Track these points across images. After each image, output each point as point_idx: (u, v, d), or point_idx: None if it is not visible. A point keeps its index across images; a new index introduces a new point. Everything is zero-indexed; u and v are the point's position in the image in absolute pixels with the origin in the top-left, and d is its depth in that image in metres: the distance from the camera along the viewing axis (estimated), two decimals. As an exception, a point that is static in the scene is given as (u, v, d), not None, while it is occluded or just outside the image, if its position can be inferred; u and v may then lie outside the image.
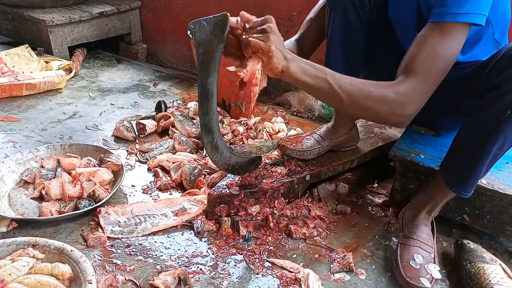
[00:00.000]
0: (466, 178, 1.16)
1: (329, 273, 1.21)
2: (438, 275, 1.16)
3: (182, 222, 1.33)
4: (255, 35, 1.02)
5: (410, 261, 1.18)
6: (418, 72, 1.04)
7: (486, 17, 1.03)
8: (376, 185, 1.63)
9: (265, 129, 1.92)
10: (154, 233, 1.31)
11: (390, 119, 1.11)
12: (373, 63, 1.41)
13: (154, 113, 2.04)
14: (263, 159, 1.47)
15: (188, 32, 1.09)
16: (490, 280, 1.10)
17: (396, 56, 1.18)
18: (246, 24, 1.05)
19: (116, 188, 1.43)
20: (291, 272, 1.20)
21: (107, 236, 1.27)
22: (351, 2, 1.27)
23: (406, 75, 1.06)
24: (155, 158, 1.67)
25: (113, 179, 1.51)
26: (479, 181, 1.24)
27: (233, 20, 1.06)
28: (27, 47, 2.43)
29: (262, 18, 1.05)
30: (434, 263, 1.19)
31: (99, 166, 1.54)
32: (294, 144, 1.52)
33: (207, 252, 1.26)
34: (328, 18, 1.32)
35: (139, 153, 1.73)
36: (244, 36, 1.03)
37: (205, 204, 1.38)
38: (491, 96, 1.06)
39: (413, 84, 1.05)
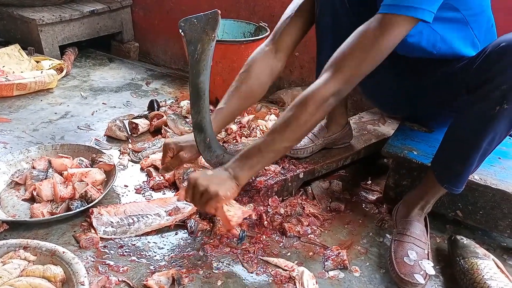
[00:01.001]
0: (456, 174, 1.16)
1: (323, 270, 1.21)
2: (432, 271, 1.16)
3: (176, 221, 1.33)
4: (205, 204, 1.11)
5: (404, 258, 1.18)
6: (346, 67, 1.05)
7: (459, 12, 1.02)
8: (369, 182, 1.63)
9: (258, 127, 1.91)
10: (148, 233, 1.30)
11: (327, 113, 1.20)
12: None
13: (146, 112, 2.02)
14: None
15: (179, 29, 1.08)
16: (483, 276, 1.10)
17: None
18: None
19: (109, 189, 1.42)
20: (286, 270, 1.19)
21: (100, 237, 1.26)
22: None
23: (333, 72, 1.06)
24: (148, 157, 1.66)
25: (105, 179, 1.49)
26: (471, 176, 1.25)
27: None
28: (17, 47, 2.41)
29: (187, 183, 1.14)
30: (428, 259, 1.19)
31: (91, 166, 1.52)
32: (287, 142, 1.51)
33: (201, 251, 1.25)
34: (317, 16, 1.31)
35: (132, 153, 1.72)
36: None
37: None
38: (480, 92, 1.07)
39: (340, 80, 1.05)
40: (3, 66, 2.28)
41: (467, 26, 1.19)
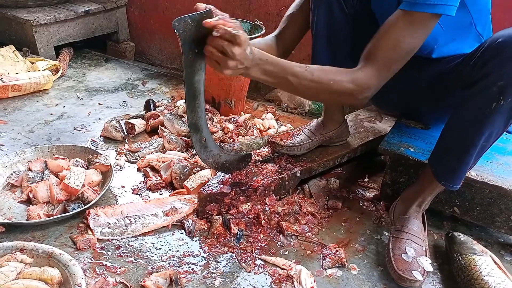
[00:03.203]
0: (454, 170, 1.17)
1: (321, 269, 1.21)
2: (430, 268, 1.16)
3: (173, 222, 1.32)
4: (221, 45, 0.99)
5: (402, 254, 1.18)
6: (378, 60, 1.08)
7: (467, 9, 1.03)
8: (367, 179, 1.63)
9: (255, 126, 1.91)
10: (145, 234, 1.30)
11: (348, 103, 1.27)
12: (359, 57, 1.41)
13: (143, 112, 2.02)
14: (253, 156, 1.46)
15: (174, 29, 1.07)
16: (480, 272, 1.11)
17: None
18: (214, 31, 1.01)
19: (105, 190, 1.42)
20: (283, 269, 1.19)
21: (97, 238, 1.25)
22: None
23: (366, 62, 1.10)
24: (145, 157, 1.66)
25: (102, 180, 1.49)
26: (468, 173, 1.25)
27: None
28: (12, 48, 2.39)
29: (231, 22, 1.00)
30: (426, 256, 1.19)
31: (88, 168, 1.52)
32: (284, 140, 1.51)
33: (199, 251, 1.25)
34: (312, 14, 1.32)
35: (129, 153, 1.72)
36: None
37: (195, 203, 1.36)
38: (477, 89, 1.07)
39: (372, 72, 1.09)
40: (-2, 68, 2.27)
41: (471, 24, 1.19)
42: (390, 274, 1.17)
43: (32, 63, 2.37)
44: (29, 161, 1.55)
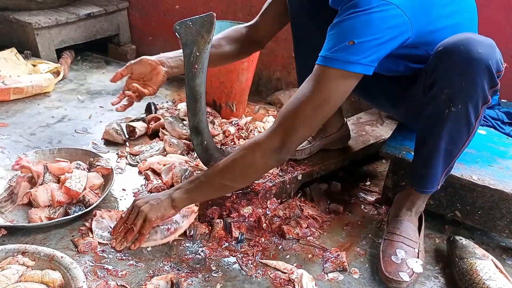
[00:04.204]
0: (421, 176, 1.19)
1: (322, 273, 1.21)
2: (419, 269, 1.16)
3: (174, 238, 1.29)
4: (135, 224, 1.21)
5: (392, 256, 1.18)
6: (285, 121, 1.05)
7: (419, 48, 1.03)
8: (368, 183, 1.63)
9: (256, 129, 1.91)
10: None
11: (270, 166, 1.21)
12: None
13: (144, 115, 2.02)
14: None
15: (175, 32, 1.08)
16: (482, 276, 1.10)
17: None
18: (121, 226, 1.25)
19: (107, 193, 1.42)
20: (285, 273, 1.19)
21: (98, 242, 1.25)
22: None
23: (276, 124, 1.07)
24: (146, 160, 1.66)
25: (103, 183, 1.49)
26: (469, 176, 1.26)
27: None
28: (14, 51, 2.40)
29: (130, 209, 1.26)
30: (418, 257, 1.19)
31: (89, 170, 1.52)
32: (285, 144, 1.51)
33: (200, 254, 1.25)
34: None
35: (130, 156, 1.72)
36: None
37: (196, 212, 1.35)
38: (429, 96, 1.07)
39: (279, 133, 1.05)
40: (0, 70, 2.27)
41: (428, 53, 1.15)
42: (380, 276, 1.18)
43: (34, 65, 2.38)
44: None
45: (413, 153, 1.24)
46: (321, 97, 1.00)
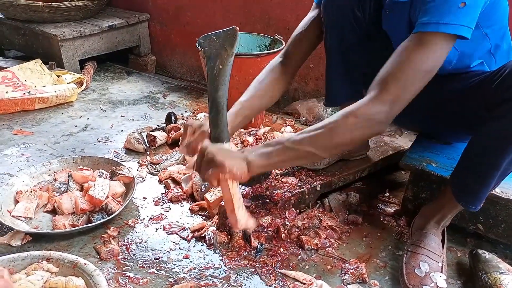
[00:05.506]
0: (474, 193, 1.15)
1: (342, 284, 1.20)
2: (443, 284, 1.14)
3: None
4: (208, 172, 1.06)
5: (415, 269, 1.17)
6: (392, 87, 1.01)
7: (475, 30, 1.01)
8: (387, 194, 1.61)
9: (274, 139, 1.92)
10: (167, 245, 1.31)
11: (370, 135, 1.15)
12: (374, 75, 1.40)
13: (164, 125, 2.05)
14: (273, 170, 1.47)
15: (198, 45, 1.10)
16: (506, 291, 1.08)
17: None
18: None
19: (128, 201, 1.44)
20: (304, 283, 1.19)
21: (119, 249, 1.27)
22: (346, 19, 1.27)
23: (379, 90, 1.03)
24: (166, 169, 1.68)
25: (125, 191, 1.52)
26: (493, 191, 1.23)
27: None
28: (39, 61, 2.48)
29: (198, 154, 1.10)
30: (442, 272, 1.17)
31: (111, 179, 1.55)
32: (304, 154, 1.51)
33: (219, 264, 1.25)
34: (325, 38, 1.32)
35: (150, 165, 1.75)
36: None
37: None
38: (500, 111, 1.05)
39: (385, 100, 1.01)
40: (26, 81, 2.35)
41: (486, 38, 1.18)
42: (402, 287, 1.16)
43: (58, 76, 2.45)
44: (54, 172, 1.59)
45: (454, 167, 1.20)
46: (429, 64, 1.00)
